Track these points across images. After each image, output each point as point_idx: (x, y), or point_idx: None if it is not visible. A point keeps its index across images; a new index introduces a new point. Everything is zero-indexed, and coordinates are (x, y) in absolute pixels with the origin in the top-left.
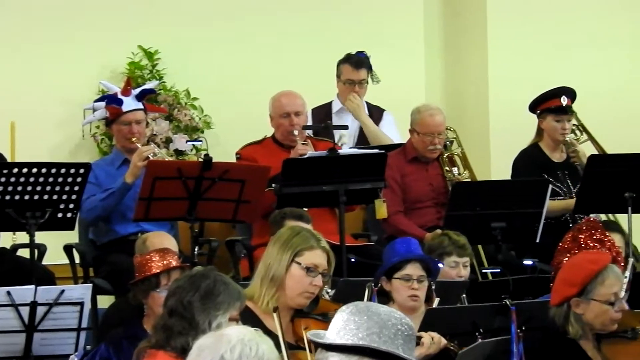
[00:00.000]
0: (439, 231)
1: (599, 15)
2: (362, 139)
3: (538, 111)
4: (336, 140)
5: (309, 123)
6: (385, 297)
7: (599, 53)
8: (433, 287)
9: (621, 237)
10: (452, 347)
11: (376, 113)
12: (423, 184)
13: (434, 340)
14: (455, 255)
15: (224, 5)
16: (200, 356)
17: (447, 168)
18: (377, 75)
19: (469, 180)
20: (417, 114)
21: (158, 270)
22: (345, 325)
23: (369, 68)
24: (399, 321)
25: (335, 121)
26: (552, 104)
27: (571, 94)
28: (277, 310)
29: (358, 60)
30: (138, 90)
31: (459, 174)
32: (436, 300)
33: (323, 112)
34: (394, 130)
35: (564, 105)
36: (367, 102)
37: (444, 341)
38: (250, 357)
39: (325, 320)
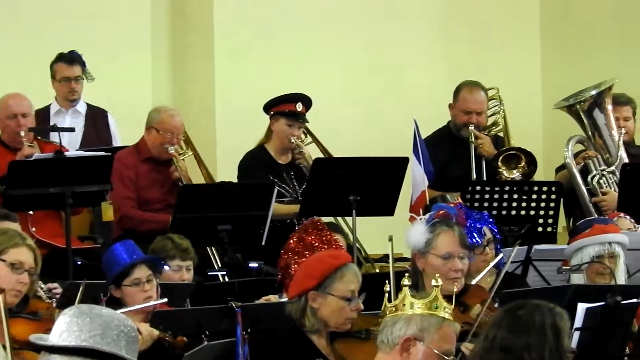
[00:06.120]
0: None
1: (328, 18)
2: (87, 141)
3: (272, 112)
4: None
5: None
6: (115, 305)
7: (330, 57)
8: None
9: (342, 238)
10: (167, 338)
11: (99, 115)
12: (156, 186)
13: (146, 333)
14: (179, 259)
15: None
16: None
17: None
18: (90, 73)
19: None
20: (157, 112)
21: None
22: (68, 327)
23: (83, 64)
24: (121, 323)
25: (54, 123)
26: (287, 108)
27: (307, 102)
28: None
29: (71, 57)
30: None
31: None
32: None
33: (41, 115)
34: (116, 133)
35: (298, 111)
36: (87, 103)
37: (155, 332)
38: None
39: (35, 318)
